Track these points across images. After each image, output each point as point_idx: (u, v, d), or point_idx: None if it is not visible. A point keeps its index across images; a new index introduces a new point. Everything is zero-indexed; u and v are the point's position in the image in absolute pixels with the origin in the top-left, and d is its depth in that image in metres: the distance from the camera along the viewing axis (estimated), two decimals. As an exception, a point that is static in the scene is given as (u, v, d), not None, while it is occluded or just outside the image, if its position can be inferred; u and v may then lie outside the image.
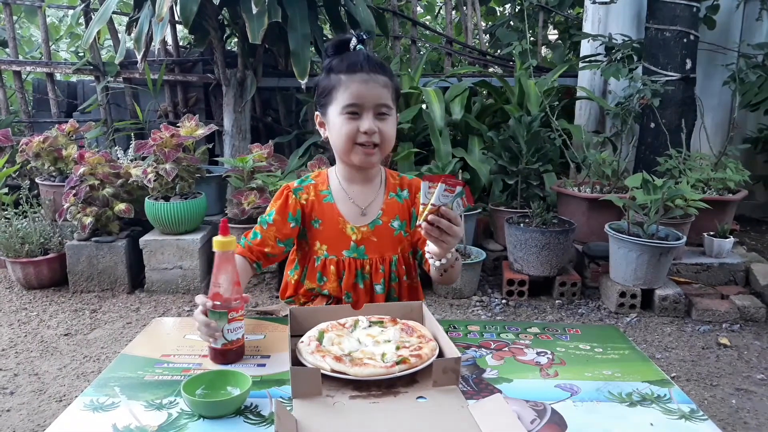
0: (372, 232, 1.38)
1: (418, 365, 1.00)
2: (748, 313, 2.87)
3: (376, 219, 1.39)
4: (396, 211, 1.41)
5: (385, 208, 1.40)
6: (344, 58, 1.29)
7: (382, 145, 1.31)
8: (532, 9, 4.87)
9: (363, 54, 1.29)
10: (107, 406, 0.95)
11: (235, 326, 1.08)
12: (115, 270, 3.23)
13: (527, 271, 3.10)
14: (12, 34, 4.42)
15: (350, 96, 1.26)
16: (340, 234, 1.38)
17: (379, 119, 1.28)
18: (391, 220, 1.40)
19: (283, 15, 3.27)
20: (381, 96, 1.28)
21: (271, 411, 0.93)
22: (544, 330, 1.28)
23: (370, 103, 1.27)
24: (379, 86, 1.27)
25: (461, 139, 3.90)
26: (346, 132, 1.28)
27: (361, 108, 1.27)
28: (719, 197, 3.29)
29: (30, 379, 2.33)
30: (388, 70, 1.32)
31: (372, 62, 1.28)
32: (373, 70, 1.27)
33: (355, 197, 1.40)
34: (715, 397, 2.21)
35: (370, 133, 1.27)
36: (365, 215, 1.39)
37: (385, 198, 1.42)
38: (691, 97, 3.64)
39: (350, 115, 1.27)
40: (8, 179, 3.69)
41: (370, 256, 1.39)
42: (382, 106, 1.28)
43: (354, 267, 1.39)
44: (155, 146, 3.20)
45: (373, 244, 1.39)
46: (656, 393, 1.01)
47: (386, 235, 1.40)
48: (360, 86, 1.26)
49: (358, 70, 1.26)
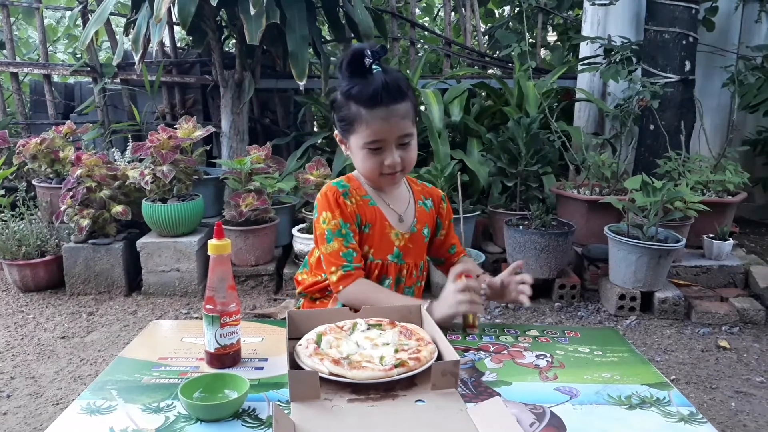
0: (409, 239, 1.41)
1: (416, 368, 0.99)
2: (748, 315, 2.86)
3: (412, 226, 1.42)
4: (426, 219, 1.45)
5: (419, 216, 1.43)
6: (363, 87, 1.24)
7: (407, 169, 1.34)
8: (531, 11, 4.88)
9: (381, 81, 1.23)
10: (104, 409, 0.95)
11: (229, 331, 1.07)
12: (112, 272, 3.22)
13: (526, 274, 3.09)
14: (9, 35, 4.41)
15: (372, 133, 1.26)
16: (386, 239, 1.39)
17: (401, 149, 1.30)
18: (423, 228, 1.43)
19: (281, 16, 3.26)
20: (402, 128, 1.27)
21: (269, 414, 0.93)
22: (543, 333, 1.28)
23: (392, 137, 1.27)
24: (400, 118, 1.26)
25: (460, 140, 3.89)
26: (370, 166, 1.30)
27: (383, 143, 1.27)
28: (718, 199, 3.29)
29: (26, 382, 2.32)
30: (406, 89, 1.28)
31: (391, 91, 1.24)
32: (393, 100, 1.24)
33: (392, 203, 1.42)
34: (714, 400, 2.21)
35: (393, 167, 1.29)
36: (402, 222, 1.42)
37: (416, 205, 1.44)
38: (690, 99, 3.64)
39: (373, 151, 1.28)
40: (5, 181, 3.67)
41: (407, 261, 1.42)
42: (404, 137, 1.29)
43: (395, 271, 1.41)
44: (152, 148, 3.19)
45: (409, 250, 1.41)
46: (655, 396, 1.01)
47: (419, 242, 1.43)
48: (381, 124, 1.25)
49: (378, 104, 1.23)
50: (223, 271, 1.07)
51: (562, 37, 5.39)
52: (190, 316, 2.98)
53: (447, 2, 5.10)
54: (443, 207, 1.49)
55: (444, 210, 1.49)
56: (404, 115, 1.27)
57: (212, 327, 1.06)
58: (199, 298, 3.18)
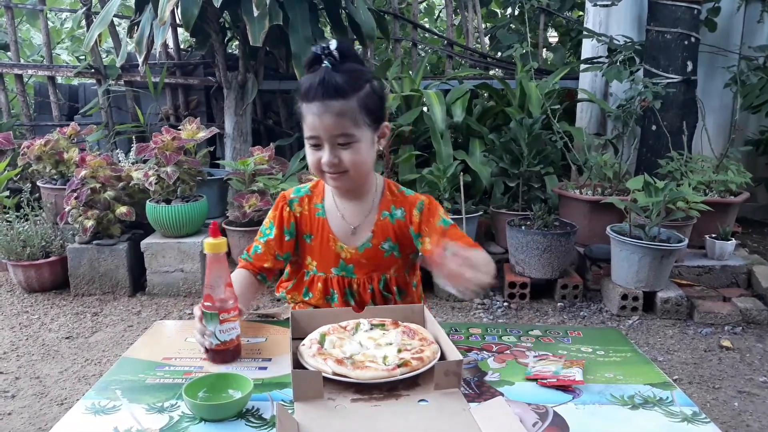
0: (361, 254, 1.34)
1: (419, 368, 1.00)
2: (751, 315, 2.86)
3: (366, 242, 1.33)
4: (388, 232, 1.34)
5: (376, 230, 1.33)
6: (306, 81, 1.20)
7: (351, 172, 1.23)
8: (533, 11, 4.87)
9: (320, 77, 1.17)
10: (109, 409, 0.95)
11: (228, 327, 1.09)
12: (117, 273, 3.23)
13: (529, 274, 3.10)
14: (13, 37, 4.43)
15: (308, 128, 1.22)
16: (329, 252, 1.35)
17: (341, 148, 1.21)
18: (382, 242, 1.34)
19: (284, 17, 3.27)
20: (336, 127, 1.18)
21: (272, 414, 0.93)
22: (545, 333, 1.28)
23: (325, 135, 1.20)
24: (333, 116, 1.17)
25: (462, 141, 3.90)
26: (312, 162, 1.25)
27: (319, 140, 1.21)
28: (721, 199, 3.29)
29: (31, 383, 2.33)
30: (351, 89, 1.19)
31: (328, 87, 1.16)
32: (328, 95, 1.17)
33: (346, 213, 1.35)
34: (717, 400, 2.21)
35: (329, 165, 1.22)
36: (355, 234, 1.34)
37: (377, 217, 1.34)
38: (693, 100, 3.64)
39: (313, 147, 1.24)
40: (10, 182, 3.69)
41: (358, 276, 1.35)
42: (339, 137, 1.19)
43: (342, 285, 1.36)
44: (156, 149, 3.20)
45: (362, 264, 1.35)
46: (658, 396, 1.01)
47: (376, 257, 1.34)
48: (314, 119, 1.19)
49: (312, 98, 1.18)
50: (220, 269, 1.09)
51: (564, 38, 5.39)
52: (194, 316, 2.98)
53: (449, 3, 5.10)
54: (415, 215, 1.33)
55: (417, 218, 1.33)
56: (340, 113, 1.18)
57: (212, 324, 1.08)
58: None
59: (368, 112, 1.22)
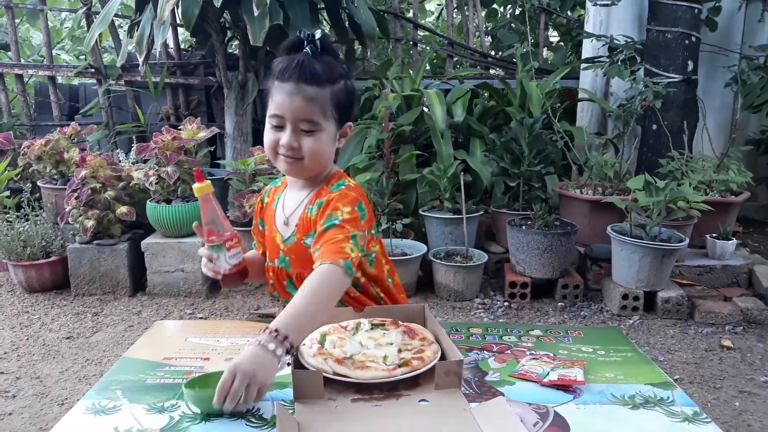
0: (289, 249, 1.31)
1: (420, 368, 0.99)
2: (751, 315, 2.86)
3: (291, 236, 1.30)
4: (308, 227, 1.27)
5: (300, 224, 1.29)
6: (286, 61, 1.19)
7: (307, 160, 1.21)
8: (534, 11, 4.87)
9: (300, 59, 1.17)
10: (109, 409, 0.95)
11: (234, 252, 1.22)
12: (117, 273, 3.23)
13: (529, 274, 3.10)
14: (14, 37, 4.43)
15: (274, 106, 1.19)
16: (273, 242, 1.35)
17: (303, 134, 1.19)
18: (304, 237, 1.28)
19: (284, 17, 3.27)
20: (304, 111, 1.16)
21: (273, 414, 0.93)
22: (546, 332, 1.28)
23: (291, 116, 1.17)
24: (304, 100, 1.16)
25: (463, 141, 3.90)
26: (269, 141, 1.22)
27: (283, 120, 1.18)
28: (722, 199, 3.29)
29: (32, 383, 2.33)
30: (327, 79, 1.18)
31: (305, 71, 1.16)
32: (303, 79, 1.15)
33: (286, 203, 1.34)
34: (718, 400, 2.20)
35: (287, 148, 1.19)
36: (287, 226, 1.32)
37: (303, 212, 1.29)
38: (693, 99, 3.64)
39: (274, 127, 1.21)
40: (10, 182, 3.69)
41: (293, 269, 1.31)
42: (304, 122, 1.17)
43: (281, 277, 1.34)
44: (157, 149, 3.20)
45: (294, 259, 1.31)
46: (659, 395, 1.01)
47: (300, 252, 1.28)
48: (284, 97, 1.17)
49: (287, 79, 1.16)
50: (212, 207, 1.19)
51: (565, 37, 5.39)
52: (195, 316, 2.99)
53: (449, 2, 5.10)
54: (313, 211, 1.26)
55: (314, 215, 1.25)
56: (311, 99, 1.16)
57: (220, 253, 1.21)
58: (204, 298, 3.19)
59: (338, 106, 1.21)
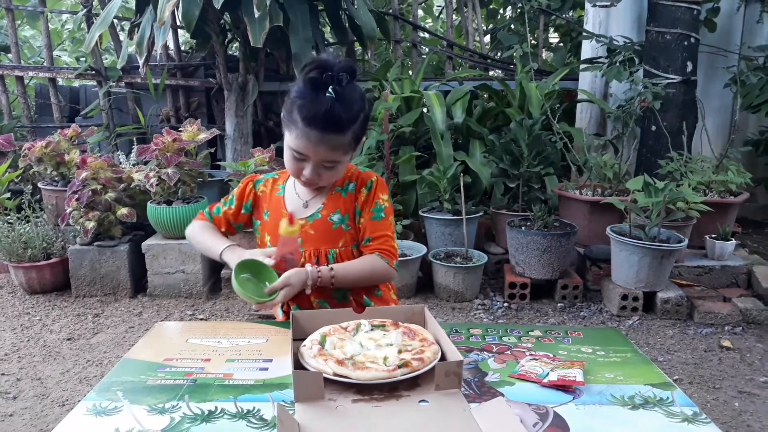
0: (310, 225, 1.39)
1: (420, 369, 1.00)
2: (751, 315, 2.86)
3: (315, 213, 1.40)
4: (338, 204, 1.41)
5: (327, 202, 1.41)
6: (309, 104, 1.23)
7: (324, 183, 1.36)
8: (533, 12, 4.88)
9: (325, 108, 1.21)
10: (110, 410, 0.96)
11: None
12: (118, 274, 3.23)
13: (529, 274, 3.10)
14: (14, 39, 4.44)
15: (299, 145, 1.27)
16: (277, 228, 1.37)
17: (325, 167, 1.30)
18: (331, 213, 1.40)
19: (284, 19, 3.28)
20: (328, 156, 1.28)
21: (273, 415, 0.94)
22: (546, 333, 1.29)
23: (314, 158, 1.28)
24: (328, 148, 1.26)
25: (462, 142, 3.90)
26: (291, 169, 1.34)
27: (307, 157, 1.29)
28: (721, 200, 3.29)
29: (33, 384, 2.33)
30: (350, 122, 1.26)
31: (330, 122, 1.23)
32: (328, 129, 1.24)
33: (300, 191, 1.44)
34: (717, 400, 2.21)
35: (309, 181, 1.33)
36: (307, 207, 1.42)
37: (329, 192, 1.42)
38: (692, 100, 3.64)
39: (296, 158, 1.30)
40: (11, 184, 3.69)
41: (305, 249, 1.39)
42: (327, 162, 1.30)
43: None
44: (157, 151, 3.21)
45: (309, 236, 1.39)
46: (659, 396, 1.01)
47: (323, 228, 1.40)
48: (308, 144, 1.25)
49: (314, 127, 1.23)
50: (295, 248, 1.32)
51: (564, 38, 5.39)
52: (195, 317, 2.99)
53: (449, 3, 5.10)
54: (363, 192, 1.40)
55: (363, 196, 1.40)
56: (335, 146, 1.27)
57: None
58: (204, 299, 3.20)
59: (356, 139, 1.32)
